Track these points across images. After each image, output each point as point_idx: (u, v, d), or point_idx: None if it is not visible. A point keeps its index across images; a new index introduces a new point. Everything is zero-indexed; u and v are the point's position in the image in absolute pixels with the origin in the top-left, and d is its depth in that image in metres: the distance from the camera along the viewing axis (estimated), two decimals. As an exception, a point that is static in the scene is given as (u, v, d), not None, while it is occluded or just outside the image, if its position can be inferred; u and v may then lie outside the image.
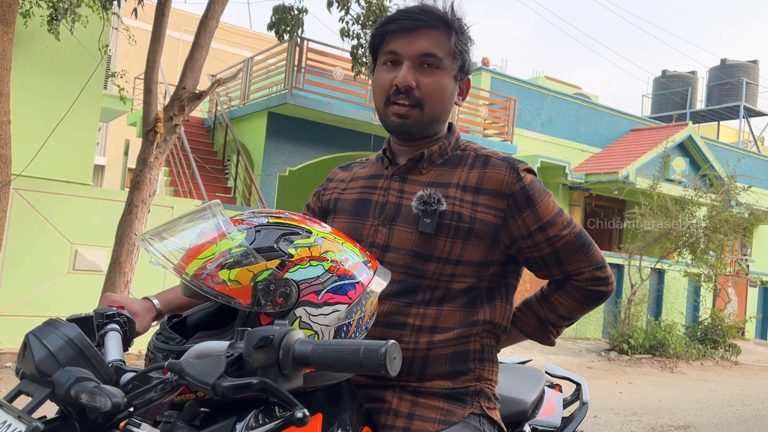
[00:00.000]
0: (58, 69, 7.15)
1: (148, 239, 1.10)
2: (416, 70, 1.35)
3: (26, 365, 0.91)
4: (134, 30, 7.60)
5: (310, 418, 0.84)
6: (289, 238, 1.11)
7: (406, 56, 1.35)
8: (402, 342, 1.31)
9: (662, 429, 5.69)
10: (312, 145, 10.90)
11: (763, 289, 15.73)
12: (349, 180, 1.52)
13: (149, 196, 5.91)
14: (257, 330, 0.89)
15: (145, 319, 1.33)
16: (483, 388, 1.37)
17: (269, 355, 0.88)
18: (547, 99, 14.45)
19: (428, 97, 1.36)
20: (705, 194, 11.75)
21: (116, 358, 1.09)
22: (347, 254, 1.16)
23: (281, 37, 7.49)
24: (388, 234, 1.36)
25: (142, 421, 0.88)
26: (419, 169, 1.41)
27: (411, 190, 1.38)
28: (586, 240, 1.42)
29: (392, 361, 0.85)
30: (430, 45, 1.35)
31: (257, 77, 11.61)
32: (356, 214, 1.42)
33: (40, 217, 6.48)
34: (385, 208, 1.39)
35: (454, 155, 1.42)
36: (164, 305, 1.38)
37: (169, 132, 5.89)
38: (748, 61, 23.93)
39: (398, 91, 1.35)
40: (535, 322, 1.51)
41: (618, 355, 10.41)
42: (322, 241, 1.14)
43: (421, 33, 1.35)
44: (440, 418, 1.30)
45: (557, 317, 1.49)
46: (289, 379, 0.88)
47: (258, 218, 1.15)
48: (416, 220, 1.34)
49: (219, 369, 0.87)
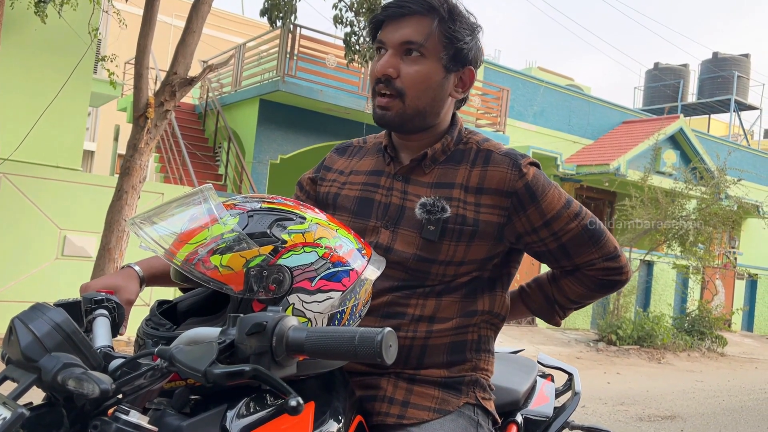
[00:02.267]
0: (47, 52, 7.05)
1: (138, 223, 1.08)
2: (399, 59, 1.31)
3: (12, 350, 0.89)
4: (125, 14, 7.51)
5: (304, 407, 0.83)
6: (282, 223, 1.09)
7: (389, 44, 1.31)
8: (400, 331, 1.29)
9: (649, 419, 5.74)
10: (304, 133, 10.84)
11: (750, 282, 15.88)
12: (349, 173, 1.47)
13: (139, 182, 5.87)
14: (250, 316, 0.88)
15: (131, 287, 1.29)
16: (479, 378, 1.37)
17: (262, 342, 0.86)
18: (540, 90, 14.44)
19: (410, 86, 1.30)
20: (695, 187, 11.81)
21: (104, 344, 1.07)
22: (341, 241, 1.15)
23: (274, 23, 7.42)
24: (391, 237, 1.34)
25: (130, 408, 0.86)
26: (422, 168, 1.37)
27: (414, 191, 1.35)
28: (596, 231, 1.37)
29: (388, 349, 0.84)
30: (411, 32, 1.30)
31: (249, 64, 11.51)
32: (358, 214, 1.39)
33: (28, 202, 6.42)
34: (388, 209, 1.36)
35: (457, 150, 1.38)
36: (146, 270, 1.35)
37: (159, 118, 5.84)
38: (740, 54, 24.00)
39: (379, 80, 1.32)
40: (542, 300, 1.50)
41: (606, 346, 10.48)
42: (316, 228, 1.12)
43: (407, 20, 1.31)
44: (435, 407, 1.30)
45: (566, 300, 1.47)
46: (282, 367, 0.86)
47: (251, 203, 1.13)
48: (420, 225, 1.31)
49: (210, 356, 0.85)
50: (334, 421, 1.11)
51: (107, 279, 1.29)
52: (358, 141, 1.56)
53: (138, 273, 1.33)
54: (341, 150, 1.55)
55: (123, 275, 1.32)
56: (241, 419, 1.00)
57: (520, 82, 14.08)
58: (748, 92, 23.90)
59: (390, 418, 1.27)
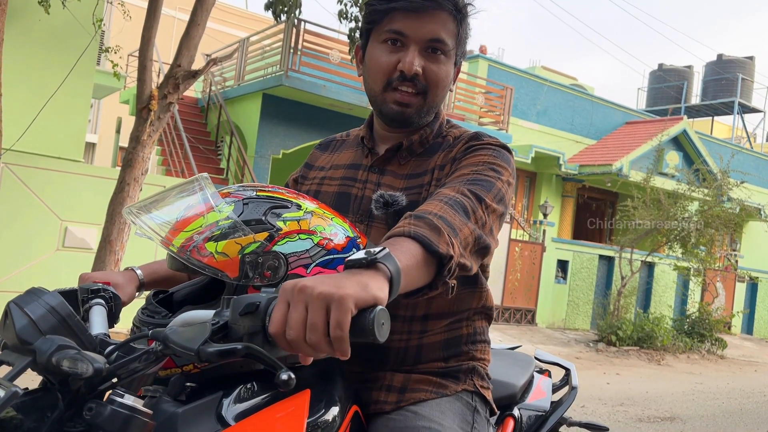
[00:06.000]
0: (50, 43, 7.04)
1: (134, 212, 1.08)
2: (421, 55, 1.27)
3: (7, 335, 0.89)
4: (129, 6, 7.50)
5: (294, 380, 0.82)
6: (277, 211, 1.10)
7: (414, 39, 1.26)
8: (395, 333, 1.28)
9: (648, 420, 5.74)
10: (306, 128, 10.83)
11: (750, 285, 15.87)
12: (329, 167, 1.45)
13: (141, 175, 5.87)
14: (242, 297, 0.87)
15: (128, 289, 1.29)
16: (476, 366, 1.36)
17: (255, 322, 0.86)
18: (543, 89, 14.42)
19: (433, 84, 1.29)
20: (697, 189, 11.80)
21: (100, 332, 1.07)
22: (336, 229, 1.15)
23: (278, 17, 7.42)
24: (366, 231, 1.31)
25: (125, 392, 0.86)
26: (398, 160, 1.35)
27: (388, 182, 1.33)
28: (487, 180, 1.23)
29: (380, 327, 0.83)
30: (439, 29, 1.26)
31: (253, 58, 11.51)
32: (337, 210, 1.36)
33: (29, 193, 6.42)
34: (362, 202, 1.34)
35: (435, 143, 1.36)
36: (147, 275, 1.35)
37: (162, 110, 5.83)
38: (745, 57, 23.97)
39: (404, 77, 1.26)
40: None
41: (606, 347, 10.49)
42: (312, 216, 1.13)
43: (430, 15, 1.26)
44: (433, 390, 1.29)
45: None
46: (274, 346, 0.86)
47: (246, 191, 1.14)
48: (385, 219, 1.29)
49: (204, 335, 0.85)
50: (330, 409, 1.11)
51: (107, 273, 1.30)
52: (342, 135, 1.54)
53: (138, 276, 1.33)
54: (324, 146, 1.53)
55: (123, 275, 1.32)
56: (236, 405, 1.01)
57: (524, 80, 14.07)
58: (752, 95, 23.88)
59: (387, 405, 1.27)
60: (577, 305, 12.65)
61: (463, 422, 1.27)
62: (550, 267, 12.27)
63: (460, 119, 11.70)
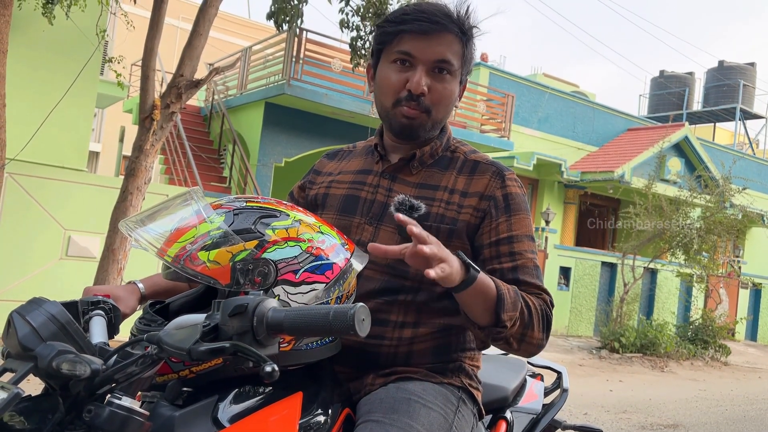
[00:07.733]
0: (54, 53, 7.10)
1: (130, 225, 1.13)
2: (428, 75, 1.34)
3: (10, 343, 0.94)
4: (132, 16, 7.56)
5: (278, 373, 0.86)
6: (266, 220, 1.15)
7: (422, 60, 1.34)
8: (385, 338, 1.32)
9: (652, 427, 5.73)
10: (309, 137, 10.88)
11: (754, 291, 15.82)
12: (337, 173, 1.51)
13: (144, 184, 5.90)
14: (232, 299, 0.92)
15: (130, 301, 1.34)
16: (463, 365, 1.39)
17: (243, 323, 0.90)
18: (545, 96, 14.46)
19: (437, 103, 1.36)
20: (699, 195, 11.79)
21: (100, 341, 1.10)
22: (324, 236, 1.20)
23: (280, 27, 7.46)
24: (374, 233, 1.37)
25: (123, 395, 0.90)
26: (410, 168, 1.41)
27: (400, 189, 1.39)
28: (539, 268, 1.38)
29: (361, 323, 0.88)
30: (445, 51, 1.34)
31: (255, 67, 11.57)
32: (344, 211, 1.43)
33: (33, 202, 6.47)
34: (372, 206, 1.40)
35: (444, 156, 1.43)
36: (148, 288, 1.40)
37: (165, 119, 5.87)
38: (746, 63, 23.99)
39: (410, 97, 1.34)
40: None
41: (609, 354, 10.46)
42: (299, 224, 1.18)
43: (437, 37, 1.33)
44: (420, 377, 1.33)
45: None
46: (263, 346, 0.91)
47: (236, 203, 1.19)
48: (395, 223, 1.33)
49: (195, 336, 0.90)
50: (321, 411, 1.15)
51: (110, 287, 1.35)
52: (348, 146, 1.61)
53: (140, 289, 1.38)
54: (331, 155, 1.60)
55: (125, 288, 1.37)
56: (231, 408, 1.04)
57: (525, 88, 14.11)
58: (754, 101, 23.88)
59: (374, 387, 1.31)
60: (580, 312, 12.64)
61: (447, 403, 1.30)
62: (552, 274, 12.26)
63: (462, 127, 11.73)
